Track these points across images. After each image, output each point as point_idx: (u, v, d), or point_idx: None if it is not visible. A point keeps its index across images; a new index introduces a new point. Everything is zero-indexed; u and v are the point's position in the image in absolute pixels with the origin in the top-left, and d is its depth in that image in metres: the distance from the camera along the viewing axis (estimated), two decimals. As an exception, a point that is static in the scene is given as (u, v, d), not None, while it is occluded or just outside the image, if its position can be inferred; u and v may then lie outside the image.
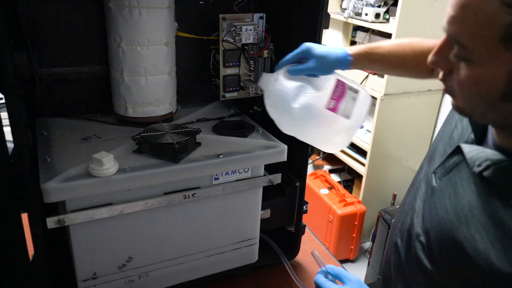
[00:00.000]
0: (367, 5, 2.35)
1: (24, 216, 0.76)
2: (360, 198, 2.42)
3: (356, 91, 0.90)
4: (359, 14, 2.38)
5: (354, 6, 2.42)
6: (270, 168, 1.05)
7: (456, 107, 0.56)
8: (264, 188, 1.02)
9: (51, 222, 0.80)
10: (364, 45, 0.90)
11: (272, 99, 0.91)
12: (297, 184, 1.10)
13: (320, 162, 2.88)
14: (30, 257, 0.79)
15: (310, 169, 2.91)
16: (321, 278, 0.81)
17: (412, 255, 0.68)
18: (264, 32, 1.08)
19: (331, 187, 2.44)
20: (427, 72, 0.85)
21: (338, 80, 0.91)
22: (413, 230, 0.69)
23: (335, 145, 0.94)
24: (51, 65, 1.02)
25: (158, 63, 0.98)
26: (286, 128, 0.92)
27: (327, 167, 2.83)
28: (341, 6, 2.63)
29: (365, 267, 2.25)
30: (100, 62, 1.05)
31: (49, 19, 0.98)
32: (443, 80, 0.55)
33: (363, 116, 0.90)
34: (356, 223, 2.32)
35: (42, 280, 0.83)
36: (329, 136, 0.92)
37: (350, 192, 2.65)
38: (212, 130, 1.03)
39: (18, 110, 0.74)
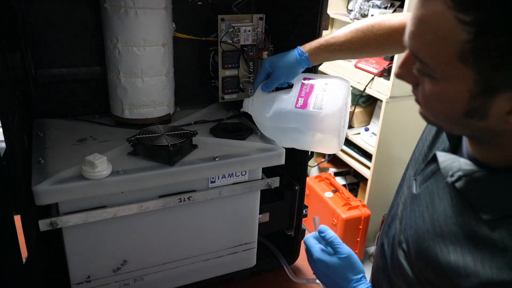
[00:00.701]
0: (373, 6, 2.32)
1: (17, 219, 0.75)
2: (365, 202, 2.39)
3: (326, 83, 0.91)
4: (365, 16, 2.36)
5: (360, 8, 2.39)
6: (270, 172, 1.03)
7: (424, 117, 0.55)
8: (264, 191, 1.01)
9: (43, 225, 0.79)
10: (321, 38, 0.90)
11: (258, 119, 0.97)
12: (296, 187, 1.08)
13: (325, 165, 2.85)
14: (24, 260, 0.78)
15: (315, 171, 2.89)
16: (311, 240, 0.80)
17: (395, 261, 0.66)
18: (263, 33, 1.07)
19: (335, 190, 2.42)
20: (397, 49, 0.84)
21: (304, 78, 0.94)
22: (396, 236, 0.67)
23: (328, 143, 0.92)
24: (48, 66, 1.01)
25: (155, 64, 0.97)
26: (282, 142, 0.97)
27: (332, 170, 2.80)
28: (347, 7, 2.61)
29: (370, 271, 2.21)
30: (98, 63, 1.04)
31: (46, 19, 0.97)
32: (413, 91, 0.53)
33: (339, 104, 0.88)
34: (360, 227, 2.28)
35: (36, 283, 0.82)
36: (315, 136, 0.91)
37: (356, 195, 2.61)
38: (210, 132, 1.02)
39: (10, 111, 0.73)
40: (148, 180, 0.84)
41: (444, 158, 0.57)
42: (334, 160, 2.78)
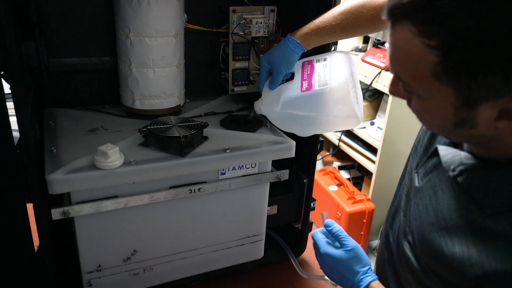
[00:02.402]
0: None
1: (30, 207, 0.76)
2: (370, 196, 2.39)
3: (324, 59, 0.91)
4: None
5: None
6: (278, 164, 1.03)
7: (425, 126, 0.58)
8: (272, 184, 1.01)
9: (56, 214, 0.79)
10: (311, 23, 0.89)
11: (271, 116, 0.97)
12: (305, 180, 1.08)
13: (329, 158, 2.85)
14: (35, 248, 0.79)
15: (319, 165, 2.89)
16: (318, 235, 0.81)
17: (401, 253, 0.67)
18: (274, 26, 1.06)
19: (340, 184, 2.42)
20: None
21: (303, 62, 0.93)
22: (401, 228, 0.68)
23: (345, 117, 0.89)
24: (60, 56, 1.01)
25: (167, 55, 0.97)
26: (303, 131, 0.96)
27: (336, 164, 2.80)
28: None
29: (373, 265, 2.22)
30: (109, 53, 1.04)
31: (58, 8, 0.97)
32: (408, 105, 0.56)
33: (344, 74, 0.87)
34: (364, 220, 2.29)
35: (47, 271, 0.83)
36: (331, 113, 0.89)
37: (360, 189, 2.62)
38: (220, 124, 1.02)
39: (24, 100, 0.73)
40: (160, 171, 0.84)
41: (445, 152, 0.58)
42: (338, 154, 2.78)
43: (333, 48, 0.97)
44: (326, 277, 0.83)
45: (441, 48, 0.41)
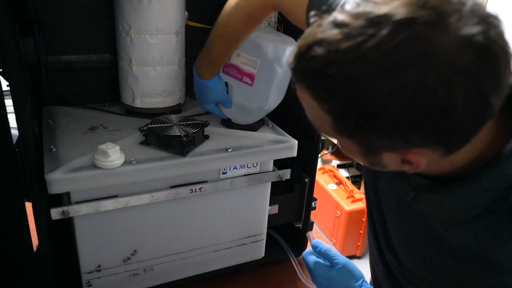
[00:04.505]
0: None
1: (29, 206, 0.75)
2: (369, 195, 2.39)
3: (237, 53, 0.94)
4: None
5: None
6: (279, 163, 1.02)
7: None
8: (273, 183, 1.00)
9: (55, 213, 0.78)
10: (202, 60, 0.91)
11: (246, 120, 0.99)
12: (306, 180, 1.07)
13: (328, 157, 2.85)
14: (34, 248, 0.78)
15: (318, 163, 2.88)
16: (309, 257, 0.81)
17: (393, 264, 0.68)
18: (276, 23, 1.05)
19: (339, 182, 2.42)
20: (254, 26, 0.84)
21: (223, 67, 0.96)
22: (383, 240, 0.69)
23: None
24: (59, 53, 1.00)
25: (167, 53, 0.96)
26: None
27: (335, 162, 2.80)
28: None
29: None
30: (108, 50, 1.03)
31: (56, 5, 0.96)
32: None
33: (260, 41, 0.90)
34: (363, 219, 2.29)
35: (46, 271, 0.82)
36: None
37: (358, 188, 2.61)
38: (221, 123, 1.01)
39: (23, 98, 0.72)
40: (161, 170, 0.83)
41: (395, 172, 0.59)
42: (337, 152, 2.78)
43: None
44: None
45: (331, 112, 0.44)
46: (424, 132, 0.42)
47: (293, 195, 1.09)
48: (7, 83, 0.65)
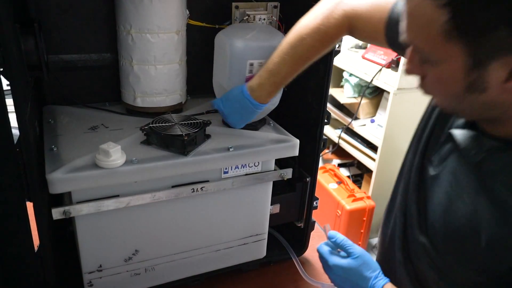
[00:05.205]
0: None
1: (30, 206, 0.74)
2: (370, 194, 2.39)
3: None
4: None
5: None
6: (280, 162, 1.02)
7: (443, 108, 0.60)
8: (275, 182, 1.00)
9: (56, 213, 0.78)
10: (265, 83, 0.86)
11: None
12: (307, 179, 1.07)
13: (329, 156, 2.84)
14: (35, 248, 0.78)
15: (319, 163, 2.88)
16: (324, 247, 0.82)
17: (419, 250, 0.67)
18: (277, 22, 1.05)
19: (340, 181, 2.41)
20: (328, 46, 0.83)
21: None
22: (414, 225, 0.68)
23: None
24: (59, 52, 0.99)
25: (168, 51, 0.95)
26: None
27: (336, 161, 2.79)
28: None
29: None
30: (109, 49, 1.02)
31: (57, 4, 0.95)
32: (421, 86, 0.57)
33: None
34: (364, 218, 2.29)
35: (47, 271, 0.82)
36: None
37: (359, 187, 2.61)
38: (223, 122, 1.00)
39: (24, 97, 0.72)
40: (162, 170, 0.83)
41: (462, 137, 0.59)
42: (338, 151, 2.78)
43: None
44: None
45: (451, 5, 0.44)
46: None
47: (295, 194, 1.08)
48: (8, 83, 0.65)
